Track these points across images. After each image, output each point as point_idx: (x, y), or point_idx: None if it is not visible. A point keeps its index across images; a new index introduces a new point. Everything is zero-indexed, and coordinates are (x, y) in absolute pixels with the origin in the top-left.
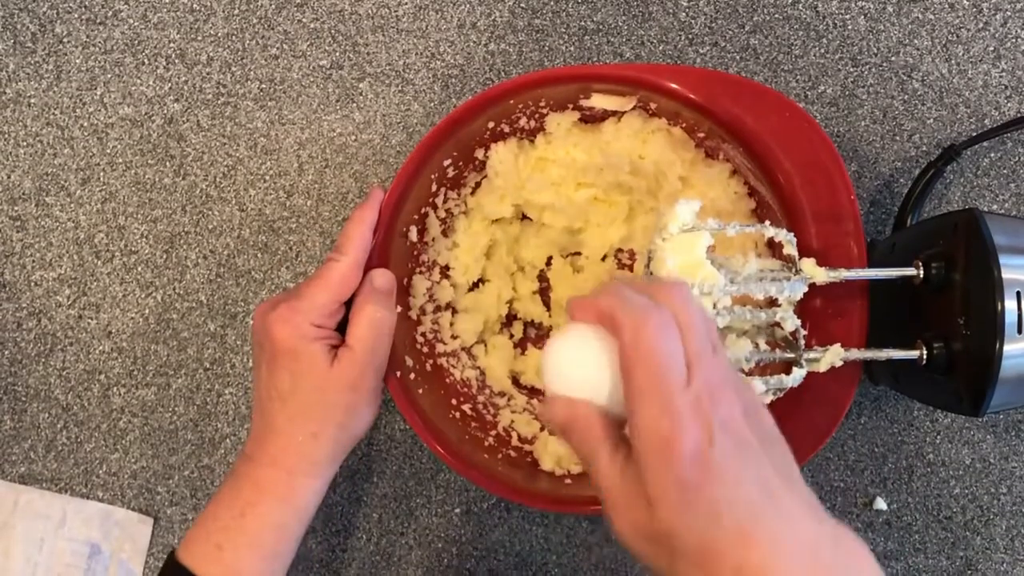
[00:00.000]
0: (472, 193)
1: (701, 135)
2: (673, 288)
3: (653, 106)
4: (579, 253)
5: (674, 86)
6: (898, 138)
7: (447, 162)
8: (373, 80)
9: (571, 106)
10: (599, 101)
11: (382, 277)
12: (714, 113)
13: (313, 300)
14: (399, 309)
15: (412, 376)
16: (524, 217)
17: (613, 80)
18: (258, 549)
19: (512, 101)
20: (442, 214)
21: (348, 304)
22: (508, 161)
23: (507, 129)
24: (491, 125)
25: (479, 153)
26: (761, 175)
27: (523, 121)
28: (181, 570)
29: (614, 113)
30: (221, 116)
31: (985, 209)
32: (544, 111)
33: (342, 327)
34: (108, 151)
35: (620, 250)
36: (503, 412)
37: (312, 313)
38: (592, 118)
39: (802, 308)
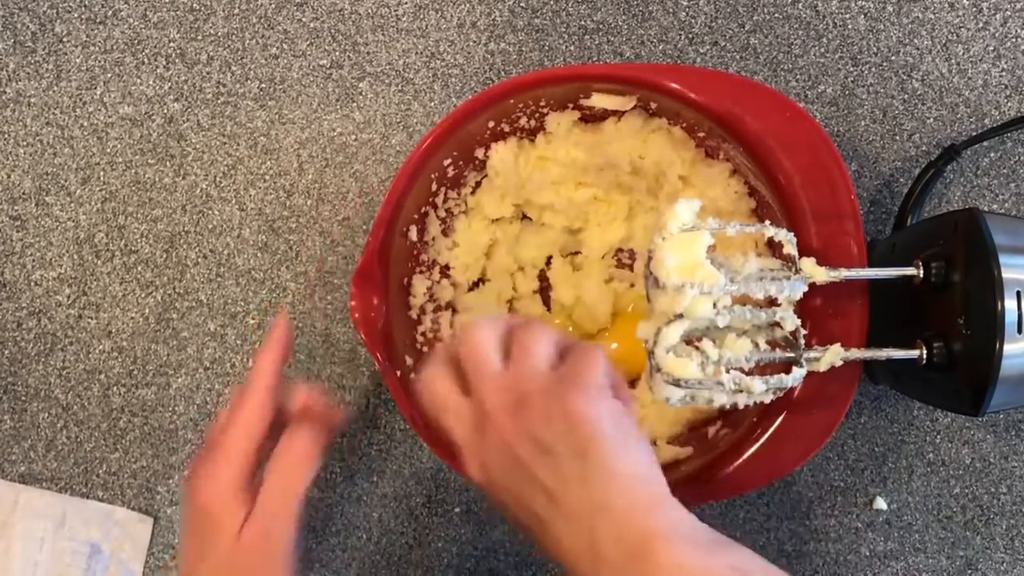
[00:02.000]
0: (472, 192)
1: (701, 134)
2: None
3: (653, 106)
4: (579, 252)
5: (674, 85)
6: (898, 137)
7: (447, 161)
8: (373, 79)
9: (571, 105)
10: (599, 100)
11: (303, 392)
12: (714, 112)
13: (232, 455)
14: (401, 309)
15: (412, 376)
16: (524, 217)
17: (613, 80)
18: None
19: (512, 100)
20: (442, 213)
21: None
22: (508, 160)
23: (507, 128)
24: (491, 124)
25: (479, 152)
26: (761, 174)
27: (523, 120)
28: None
29: (614, 112)
30: (221, 115)
31: (985, 209)
32: (544, 110)
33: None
34: (108, 150)
35: (620, 250)
36: None
37: (233, 468)
38: (592, 117)
39: (802, 308)
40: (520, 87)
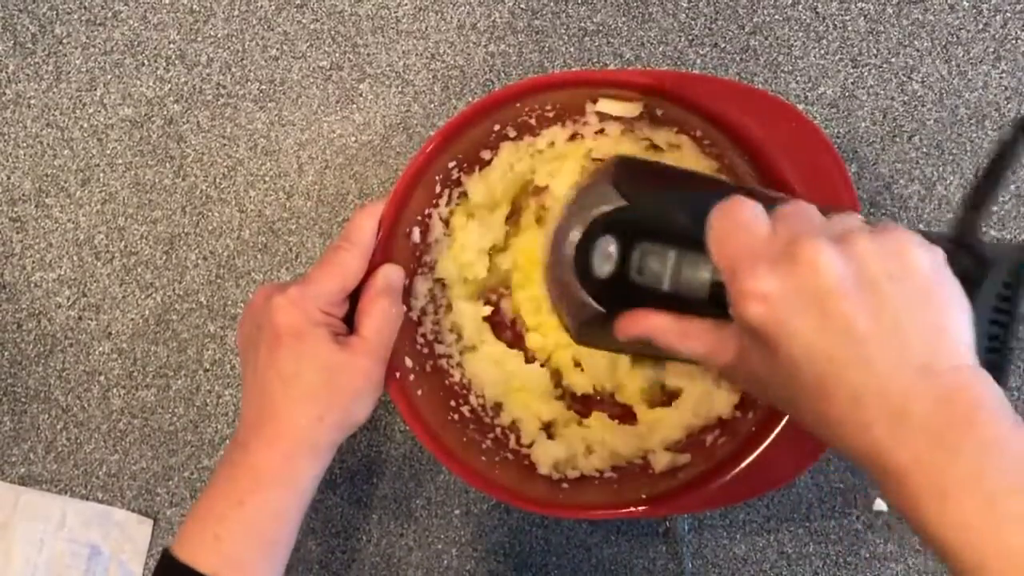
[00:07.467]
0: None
1: (707, 142)
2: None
3: (659, 112)
4: None
5: (684, 94)
6: (898, 139)
7: (452, 164)
8: (373, 81)
9: (570, 121)
10: (607, 106)
11: (397, 273)
12: (721, 120)
13: (323, 286)
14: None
15: (411, 377)
16: (527, 218)
17: (621, 86)
18: (258, 537)
19: (519, 104)
20: (445, 215)
21: (352, 297)
22: (512, 163)
23: (512, 132)
24: (496, 128)
25: (484, 154)
26: (764, 180)
27: (529, 124)
28: (178, 567)
29: (615, 117)
30: (221, 117)
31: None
32: (550, 114)
33: (347, 321)
34: (108, 152)
35: None
36: (502, 414)
37: (321, 299)
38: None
39: None
40: (528, 90)
